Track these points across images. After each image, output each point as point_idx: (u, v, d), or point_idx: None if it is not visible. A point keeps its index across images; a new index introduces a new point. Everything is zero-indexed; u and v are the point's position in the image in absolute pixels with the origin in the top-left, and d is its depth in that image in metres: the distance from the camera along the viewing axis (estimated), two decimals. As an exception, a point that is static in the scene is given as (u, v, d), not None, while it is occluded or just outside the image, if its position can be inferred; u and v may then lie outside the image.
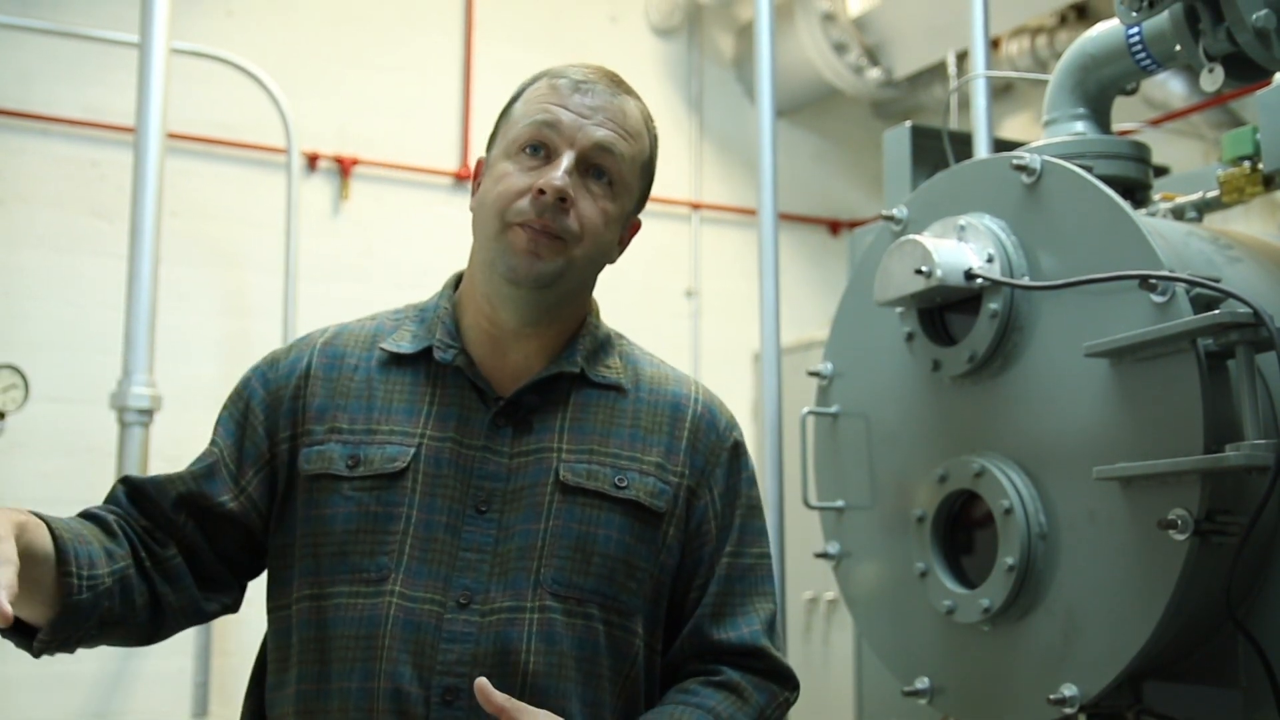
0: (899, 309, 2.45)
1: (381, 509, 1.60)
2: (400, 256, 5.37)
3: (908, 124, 3.32)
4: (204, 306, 5.10)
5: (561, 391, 1.69)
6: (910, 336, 2.44)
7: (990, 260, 2.26)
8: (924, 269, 2.27)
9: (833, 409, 2.68)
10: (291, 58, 5.49)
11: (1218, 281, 1.99)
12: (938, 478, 2.36)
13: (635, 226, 1.78)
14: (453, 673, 1.53)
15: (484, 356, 1.69)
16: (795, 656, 4.85)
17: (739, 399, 6.20)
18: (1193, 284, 1.98)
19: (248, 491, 1.66)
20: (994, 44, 5.52)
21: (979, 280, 2.25)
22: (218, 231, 5.28)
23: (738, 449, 1.78)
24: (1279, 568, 2.05)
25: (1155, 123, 5.41)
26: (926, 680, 2.40)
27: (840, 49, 5.98)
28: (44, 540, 1.45)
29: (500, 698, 1.45)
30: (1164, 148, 3.38)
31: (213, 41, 5.21)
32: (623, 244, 1.77)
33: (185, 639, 4.95)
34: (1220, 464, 1.90)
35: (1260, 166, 2.40)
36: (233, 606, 1.71)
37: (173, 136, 4.30)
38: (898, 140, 3.30)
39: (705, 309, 6.29)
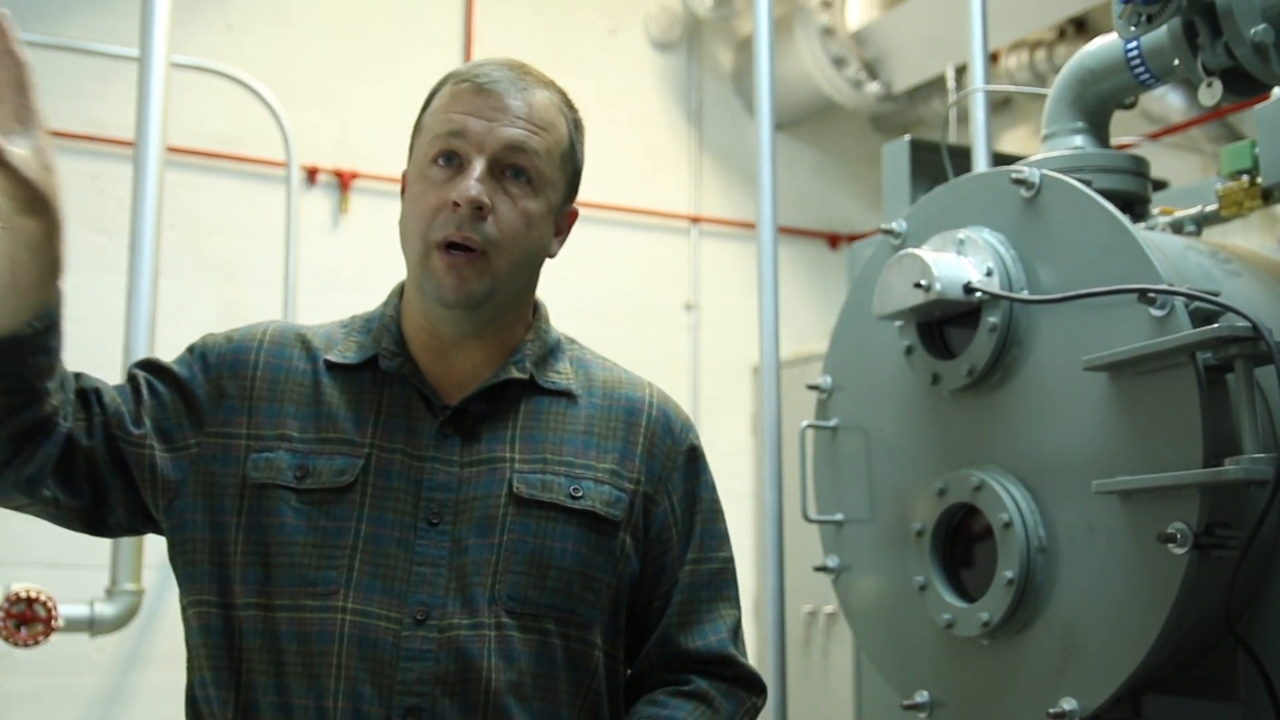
0: (898, 322, 2.45)
1: (330, 523, 1.57)
2: (399, 269, 5.35)
3: (907, 138, 3.32)
4: (204, 320, 5.08)
5: (511, 399, 1.67)
6: (909, 350, 2.44)
7: (989, 274, 2.26)
8: (923, 282, 2.27)
9: (832, 422, 2.68)
10: (291, 71, 5.50)
11: (1216, 295, 1.99)
12: (937, 491, 2.36)
13: (572, 216, 1.75)
14: (413, 692, 1.51)
15: (430, 365, 1.66)
16: (795, 670, 4.84)
17: (738, 412, 6.20)
18: (1191, 298, 1.99)
19: (145, 454, 1.59)
20: (993, 58, 5.52)
21: (978, 294, 2.25)
22: (217, 245, 5.28)
23: (695, 452, 1.76)
24: (1278, 581, 2.05)
25: (1154, 136, 5.41)
26: (926, 694, 2.40)
27: (839, 63, 5.99)
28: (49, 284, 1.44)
29: None
30: (1163, 161, 3.39)
31: (212, 55, 5.22)
32: (561, 235, 1.73)
33: (183, 654, 4.94)
34: (1219, 478, 1.90)
35: (1259, 180, 2.40)
36: (63, 513, 1.58)
37: (172, 150, 4.30)
38: (897, 154, 3.31)
39: (704, 322, 6.29)
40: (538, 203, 1.63)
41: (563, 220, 1.72)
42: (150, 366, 1.67)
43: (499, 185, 1.59)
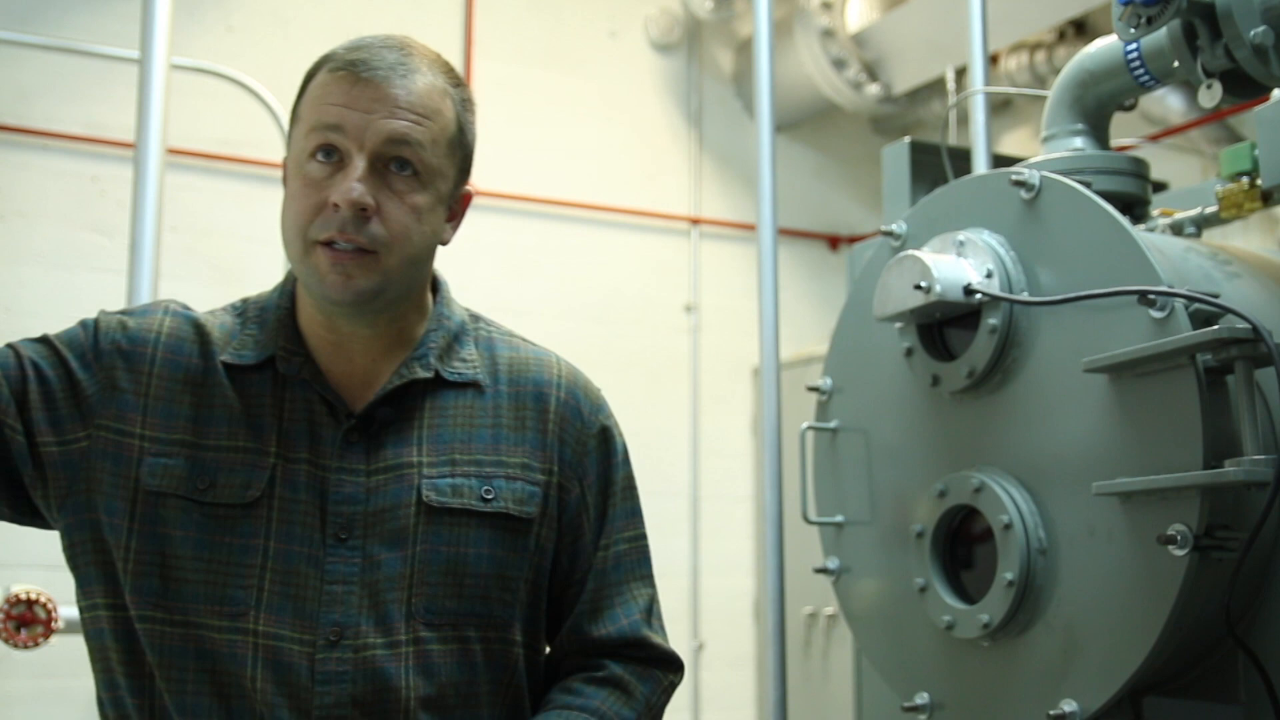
0: (898, 324, 2.45)
1: (236, 540, 1.50)
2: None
3: (906, 139, 3.32)
4: (204, 321, 5.08)
5: (416, 397, 1.60)
6: (909, 352, 2.44)
7: (989, 276, 2.26)
8: (923, 284, 2.27)
9: (832, 424, 2.68)
10: (292, 73, 5.46)
11: (1216, 297, 1.99)
12: (937, 493, 2.36)
13: (466, 199, 1.65)
14: (332, 715, 1.47)
15: (329, 363, 1.59)
16: (795, 672, 4.85)
17: (738, 414, 6.20)
18: (1191, 299, 1.99)
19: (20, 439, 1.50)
20: (993, 60, 5.53)
21: (978, 296, 2.25)
22: (218, 247, 5.29)
23: (606, 434, 1.71)
24: (1278, 583, 2.05)
25: (1154, 138, 5.42)
26: (926, 696, 2.40)
27: (839, 65, 6.00)
28: None
29: None
30: (1162, 163, 3.39)
31: (213, 57, 5.22)
32: (454, 220, 1.64)
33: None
34: (1219, 479, 1.90)
35: (1259, 182, 2.40)
36: None
37: (173, 152, 4.31)
38: (896, 156, 3.31)
39: (704, 324, 6.29)
40: (425, 196, 1.54)
41: (456, 205, 1.64)
42: (36, 345, 1.56)
43: (383, 181, 1.51)
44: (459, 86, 1.63)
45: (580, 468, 1.67)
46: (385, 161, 1.51)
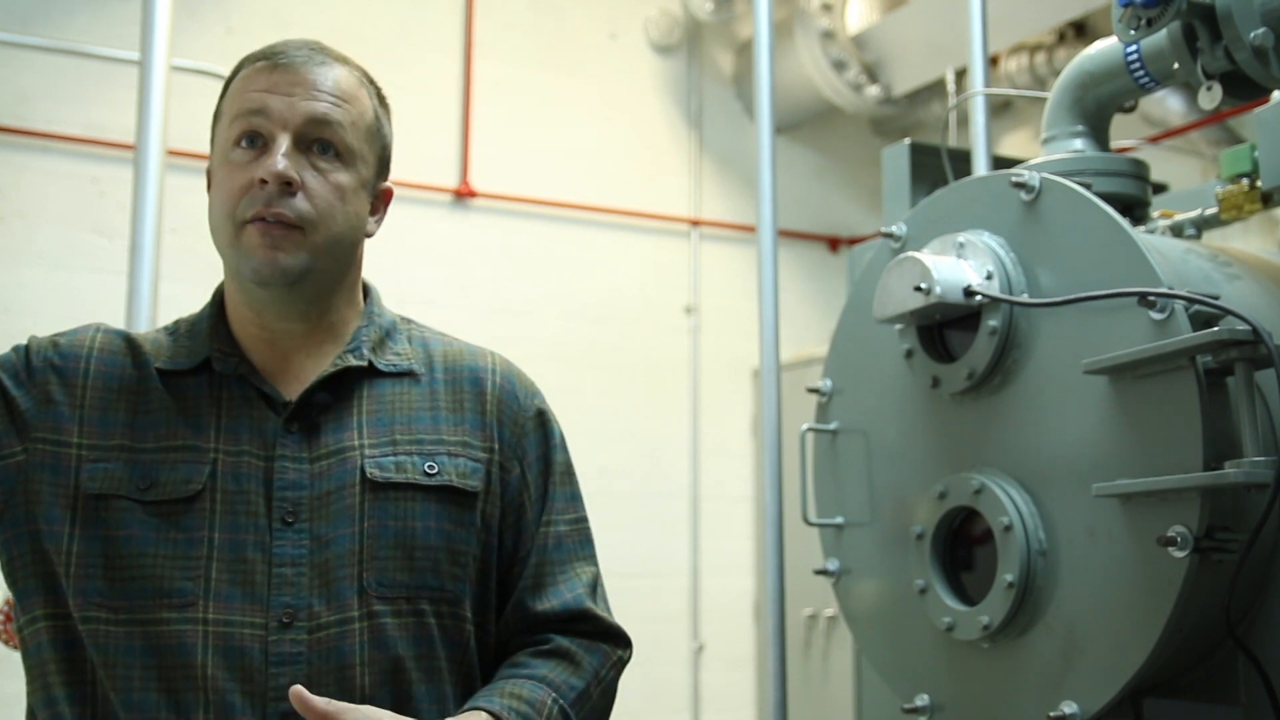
0: (898, 326, 2.45)
1: (181, 534, 1.51)
2: (401, 274, 5.36)
3: (906, 141, 3.32)
4: (204, 323, 5.07)
5: (352, 387, 1.63)
6: (909, 353, 2.44)
7: (989, 277, 2.26)
8: (923, 286, 2.28)
9: (832, 425, 2.68)
10: (292, 75, 5.49)
11: (1216, 299, 1.99)
12: (937, 494, 2.36)
13: (387, 194, 1.71)
14: (287, 697, 1.44)
15: (265, 362, 1.62)
16: (795, 674, 4.84)
17: (738, 415, 6.20)
18: (1191, 301, 1.99)
19: None
20: (993, 61, 5.53)
21: (978, 297, 2.25)
22: (218, 248, 5.29)
23: (542, 416, 1.74)
24: (1278, 585, 2.05)
25: (1154, 140, 5.42)
26: (926, 697, 2.40)
27: (839, 66, 6.00)
28: None
29: (320, 703, 1.39)
30: (1162, 165, 3.39)
31: (213, 59, 5.21)
32: (377, 214, 1.69)
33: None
34: (1220, 481, 1.90)
35: (1258, 184, 2.40)
36: None
37: (173, 153, 4.30)
38: (897, 157, 3.31)
39: (704, 325, 6.29)
40: (348, 175, 1.59)
41: (377, 199, 1.69)
42: None
43: (306, 161, 1.56)
44: (373, 84, 1.71)
45: (519, 449, 1.70)
46: (308, 143, 1.56)
